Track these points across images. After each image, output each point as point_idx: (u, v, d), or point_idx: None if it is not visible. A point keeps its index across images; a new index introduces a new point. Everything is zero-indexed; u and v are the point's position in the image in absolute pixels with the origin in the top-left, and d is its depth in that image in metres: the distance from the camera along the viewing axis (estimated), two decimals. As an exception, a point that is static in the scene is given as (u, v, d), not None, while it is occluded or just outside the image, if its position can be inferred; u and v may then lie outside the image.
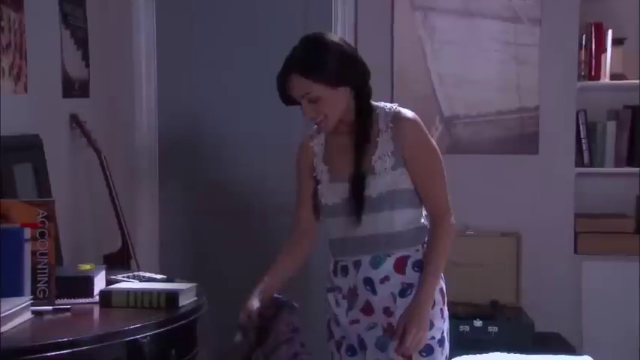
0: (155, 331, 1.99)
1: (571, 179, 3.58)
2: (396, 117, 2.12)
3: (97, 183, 3.22)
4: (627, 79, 3.58)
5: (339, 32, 3.63)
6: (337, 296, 2.20)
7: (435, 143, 2.16)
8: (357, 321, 2.17)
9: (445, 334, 2.17)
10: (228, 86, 3.72)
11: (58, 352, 1.81)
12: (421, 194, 2.14)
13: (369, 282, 2.13)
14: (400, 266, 2.13)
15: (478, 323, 3.29)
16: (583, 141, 3.58)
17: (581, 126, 3.58)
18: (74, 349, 1.84)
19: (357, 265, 2.15)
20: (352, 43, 3.58)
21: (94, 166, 3.18)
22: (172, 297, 2.12)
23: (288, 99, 2.12)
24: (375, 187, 2.08)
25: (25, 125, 2.71)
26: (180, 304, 2.12)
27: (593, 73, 3.55)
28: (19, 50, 2.65)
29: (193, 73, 3.73)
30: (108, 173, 3.16)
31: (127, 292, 2.14)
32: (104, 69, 3.50)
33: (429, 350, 2.11)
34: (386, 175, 2.09)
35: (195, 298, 2.22)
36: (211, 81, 3.73)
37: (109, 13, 3.57)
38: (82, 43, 3.24)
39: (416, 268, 2.13)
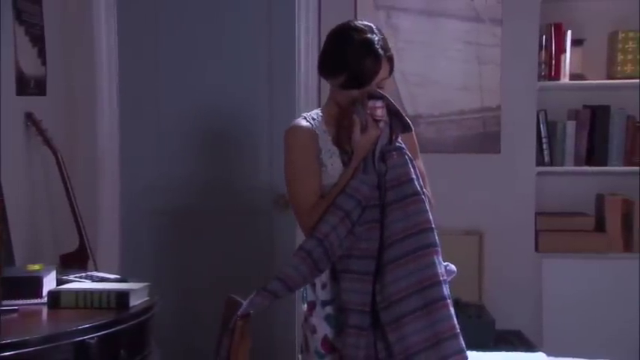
0: (103, 332, 1.98)
1: (532, 178, 3.60)
2: None
3: (54, 182, 3.17)
4: (586, 79, 3.61)
5: (302, 32, 3.63)
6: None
7: None
8: None
9: None
10: (191, 85, 3.69)
11: (3, 354, 1.78)
12: None
13: None
14: None
15: (439, 321, 3.28)
16: (544, 140, 3.60)
17: (541, 125, 3.60)
18: (20, 351, 1.81)
19: None
20: (315, 43, 3.64)
21: (51, 165, 3.14)
22: (122, 297, 2.10)
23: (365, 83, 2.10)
24: None
25: (-24, 124, 2.67)
26: (130, 304, 2.10)
27: (553, 74, 3.57)
28: (-30, 47, 2.60)
29: (156, 71, 3.70)
30: (65, 172, 3.12)
31: (76, 292, 2.11)
32: (63, 67, 3.46)
33: None
34: None
35: (147, 298, 2.20)
36: (174, 80, 3.70)
37: (68, 11, 3.52)
38: (37, 40, 3.19)
39: None
